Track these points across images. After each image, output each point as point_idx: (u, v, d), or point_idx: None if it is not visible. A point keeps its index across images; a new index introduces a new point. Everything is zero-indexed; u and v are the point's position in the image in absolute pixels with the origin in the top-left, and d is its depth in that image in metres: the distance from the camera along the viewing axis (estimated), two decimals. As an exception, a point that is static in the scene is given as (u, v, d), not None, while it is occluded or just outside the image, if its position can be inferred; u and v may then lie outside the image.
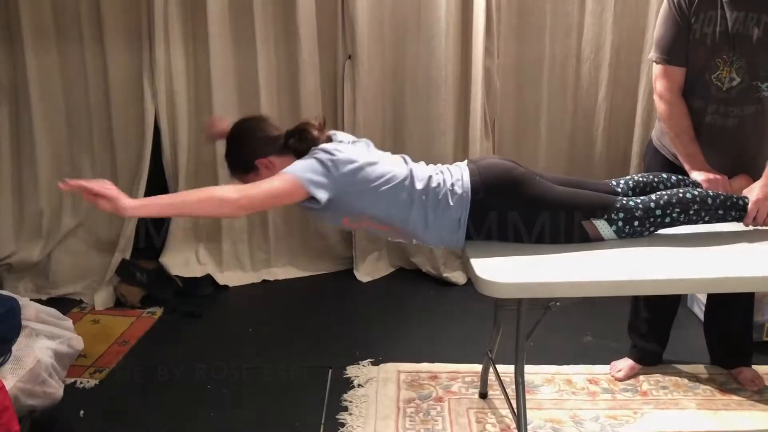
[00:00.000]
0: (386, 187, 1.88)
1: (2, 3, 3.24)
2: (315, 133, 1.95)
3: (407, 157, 2.04)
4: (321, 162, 1.83)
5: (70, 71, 3.35)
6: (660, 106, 2.23)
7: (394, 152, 3.43)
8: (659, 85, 2.22)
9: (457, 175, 1.94)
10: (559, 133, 3.51)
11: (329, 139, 1.99)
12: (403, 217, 1.90)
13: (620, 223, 1.91)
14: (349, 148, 1.92)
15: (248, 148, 1.95)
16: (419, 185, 1.90)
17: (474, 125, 3.34)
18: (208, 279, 3.44)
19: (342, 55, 3.36)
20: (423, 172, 1.94)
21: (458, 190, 1.90)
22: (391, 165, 1.94)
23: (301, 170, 1.81)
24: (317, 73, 3.39)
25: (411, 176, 1.91)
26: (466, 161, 2.03)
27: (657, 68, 2.23)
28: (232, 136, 2.01)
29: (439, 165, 2.04)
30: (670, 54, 2.18)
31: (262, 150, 1.94)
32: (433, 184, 1.91)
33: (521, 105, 3.49)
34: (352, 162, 1.86)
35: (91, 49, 3.31)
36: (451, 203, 1.89)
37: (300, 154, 1.92)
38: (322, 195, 1.81)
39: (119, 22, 3.27)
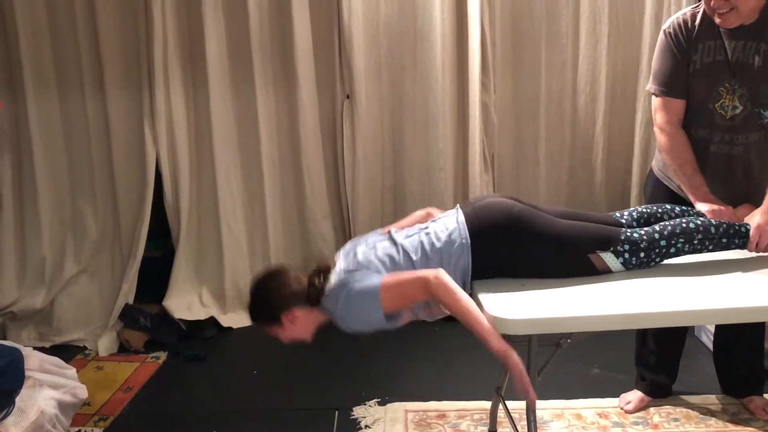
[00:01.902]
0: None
1: (4, 51, 3.29)
2: (318, 281, 1.95)
3: (393, 230, 2.02)
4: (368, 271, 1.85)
5: (72, 118, 3.39)
6: (661, 138, 2.24)
7: (394, 189, 3.51)
8: (659, 118, 2.23)
9: (450, 225, 1.92)
10: (558, 165, 3.53)
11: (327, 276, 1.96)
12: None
13: (627, 255, 1.90)
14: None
15: (273, 306, 1.94)
16: (414, 257, 1.89)
17: (473, 160, 3.36)
18: (212, 321, 3.43)
19: (340, 94, 3.39)
20: (413, 242, 1.93)
21: (456, 239, 1.89)
22: (382, 257, 1.92)
23: (375, 278, 1.82)
24: (316, 113, 3.42)
25: (401, 253, 1.90)
26: (458, 206, 2.02)
27: (656, 101, 2.24)
28: (256, 292, 2.00)
29: (427, 222, 2.01)
30: (668, 86, 2.19)
31: (286, 305, 1.93)
32: (427, 247, 1.90)
33: (519, 138, 3.52)
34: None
35: (92, 95, 3.35)
36: (452, 255, 1.88)
37: (316, 302, 1.92)
38: None
39: (119, 69, 3.31)
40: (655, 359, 2.55)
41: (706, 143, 2.19)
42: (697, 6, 2.16)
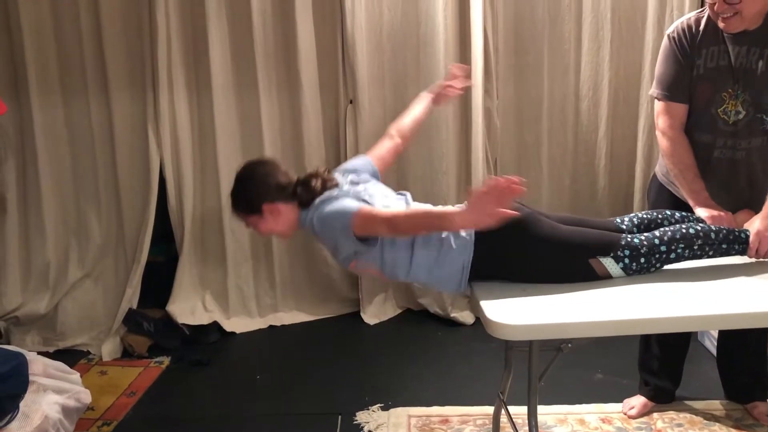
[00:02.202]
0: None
1: (9, 57, 3.31)
2: (319, 183, 1.96)
3: (408, 196, 2.05)
4: (354, 197, 1.87)
5: (76, 122, 3.40)
6: (663, 142, 2.24)
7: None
8: (661, 122, 2.23)
9: None
10: (560, 171, 3.53)
11: (333, 185, 1.99)
12: (405, 262, 1.90)
13: (627, 261, 1.90)
14: (355, 195, 1.93)
15: (258, 192, 1.96)
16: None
17: (476, 164, 3.36)
18: (215, 326, 3.43)
19: (343, 99, 3.40)
20: None
21: (462, 233, 1.90)
22: (395, 207, 1.95)
23: (352, 205, 1.84)
24: (319, 118, 3.43)
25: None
26: (466, 203, 2.03)
27: (659, 105, 2.25)
28: (242, 177, 2.02)
29: (440, 207, 2.03)
30: (671, 90, 2.19)
31: (270, 195, 1.95)
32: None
33: (522, 143, 3.52)
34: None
35: (96, 100, 3.36)
36: (454, 246, 1.89)
37: (305, 203, 1.94)
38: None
39: (123, 73, 3.33)
40: (658, 364, 2.54)
41: (709, 148, 2.19)
42: (702, 11, 2.17)
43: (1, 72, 3.31)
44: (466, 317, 3.46)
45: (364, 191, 1.97)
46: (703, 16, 2.15)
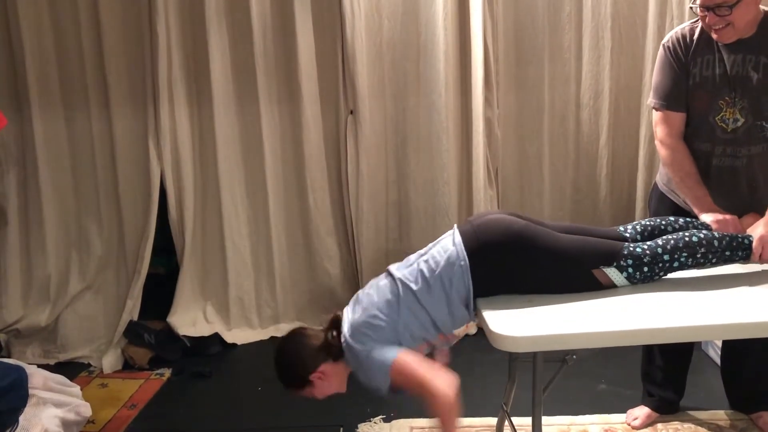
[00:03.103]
0: (397, 316, 1.87)
1: (11, 70, 3.32)
2: (332, 335, 1.96)
3: (392, 267, 2.01)
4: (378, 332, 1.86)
5: (77, 136, 3.40)
6: (662, 151, 2.24)
7: (398, 204, 3.51)
8: (659, 131, 2.24)
9: (448, 247, 1.91)
10: (562, 180, 3.52)
11: (337, 325, 1.98)
12: (427, 322, 1.88)
13: (630, 270, 1.89)
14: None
15: (301, 367, 1.96)
16: (415, 286, 1.88)
17: (477, 175, 3.36)
18: (216, 338, 3.42)
19: (344, 110, 3.40)
20: (412, 272, 1.92)
21: (454, 261, 1.87)
22: (382, 298, 1.92)
23: (390, 352, 1.82)
24: (320, 129, 3.43)
25: (399, 288, 1.90)
26: (455, 226, 2.00)
27: (656, 114, 2.25)
28: (280, 359, 2.02)
29: (428, 247, 2.00)
30: (668, 100, 2.20)
31: (312, 364, 1.95)
32: (427, 274, 1.89)
33: (523, 153, 3.52)
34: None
35: (97, 113, 3.37)
36: (452, 278, 1.87)
37: (339, 355, 1.93)
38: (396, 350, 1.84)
39: (124, 87, 3.33)
40: (662, 375, 2.53)
41: (708, 156, 2.19)
42: (696, 21, 2.17)
43: (2, 85, 3.32)
44: (468, 327, 3.44)
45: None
46: (697, 26, 2.15)
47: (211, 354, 3.35)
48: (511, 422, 2.23)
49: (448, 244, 1.93)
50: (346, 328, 1.91)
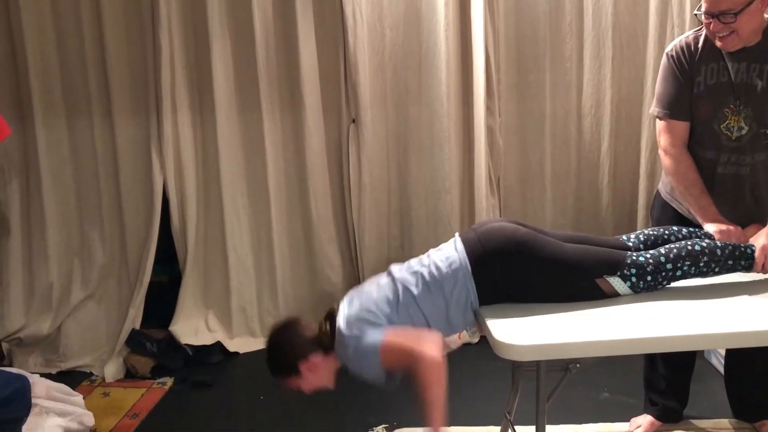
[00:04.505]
0: (395, 316, 1.88)
1: (14, 80, 3.33)
2: (326, 327, 1.96)
3: (393, 267, 2.01)
4: (371, 324, 1.85)
5: (79, 145, 3.41)
6: (665, 160, 2.24)
7: (400, 212, 3.51)
8: (663, 140, 2.23)
9: (451, 254, 1.92)
10: (564, 188, 3.52)
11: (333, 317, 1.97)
12: (423, 327, 1.88)
13: (634, 279, 1.90)
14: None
15: (291, 355, 1.95)
16: (415, 290, 1.89)
17: (479, 183, 3.36)
18: (218, 346, 3.42)
19: (346, 119, 3.41)
20: (413, 274, 1.92)
21: (457, 268, 1.88)
22: (382, 295, 1.92)
23: (377, 334, 1.82)
24: (322, 138, 3.44)
25: (399, 289, 1.90)
26: (456, 234, 2.01)
27: (660, 123, 2.25)
28: (272, 345, 2.01)
29: (428, 253, 2.00)
30: (672, 109, 2.20)
31: (302, 353, 1.94)
32: (428, 279, 1.89)
33: (525, 161, 3.52)
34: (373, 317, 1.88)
35: (100, 122, 3.38)
36: (455, 285, 1.87)
37: (330, 347, 1.93)
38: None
39: (127, 96, 3.35)
40: (665, 384, 2.52)
41: (712, 164, 2.19)
42: (699, 29, 2.17)
43: (5, 94, 3.33)
44: (470, 336, 3.44)
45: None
46: (701, 34, 2.15)
47: (213, 363, 3.35)
48: (514, 431, 2.23)
49: (451, 251, 1.93)
50: (341, 319, 1.90)
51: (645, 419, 2.57)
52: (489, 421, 2.63)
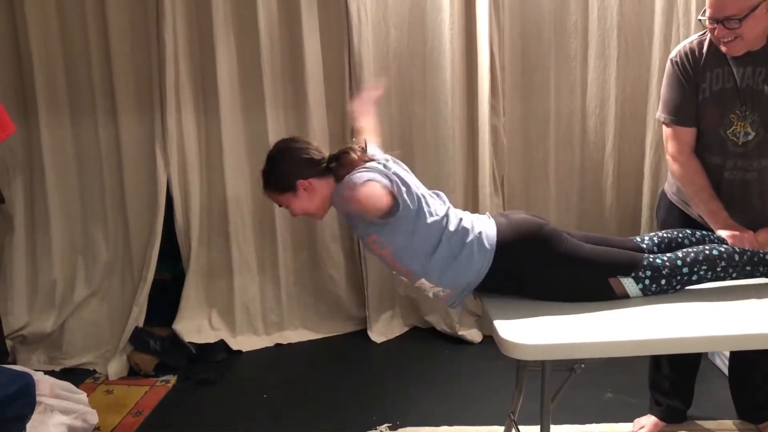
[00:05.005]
0: (428, 220, 1.88)
1: (18, 77, 3.33)
2: (355, 156, 1.94)
3: (440, 194, 2.04)
4: (382, 173, 1.84)
5: (84, 142, 3.41)
6: (674, 167, 2.22)
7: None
8: (670, 147, 2.22)
9: (485, 226, 1.94)
10: (568, 188, 3.52)
11: (370, 160, 1.96)
12: (424, 255, 1.89)
13: (647, 281, 1.89)
14: (397, 169, 1.93)
15: (291, 168, 1.93)
16: (451, 227, 1.91)
17: (483, 182, 3.36)
18: (222, 345, 3.42)
19: (350, 117, 3.40)
20: (455, 214, 1.95)
21: (485, 240, 1.90)
22: (433, 199, 1.96)
23: (379, 178, 1.81)
24: (326, 137, 3.44)
25: (447, 215, 1.92)
26: (487, 214, 2.03)
27: (667, 130, 2.23)
28: (274, 154, 2.00)
29: (468, 213, 2.02)
30: (678, 115, 2.18)
31: (304, 171, 1.93)
32: (462, 229, 1.90)
33: (529, 161, 3.52)
34: (405, 184, 1.88)
35: (104, 120, 3.37)
36: (475, 253, 1.88)
37: (340, 178, 1.91)
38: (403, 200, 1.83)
39: (131, 93, 3.34)
40: (669, 384, 2.52)
41: (719, 170, 2.17)
42: (704, 33, 2.15)
43: (9, 92, 3.32)
44: (473, 335, 3.44)
45: (401, 176, 1.93)
46: (705, 39, 2.13)
47: (216, 361, 3.35)
48: (518, 431, 2.22)
49: (486, 225, 1.94)
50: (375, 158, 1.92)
51: (649, 419, 2.57)
52: (492, 420, 2.62)
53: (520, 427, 2.22)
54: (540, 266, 1.90)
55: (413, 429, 2.66)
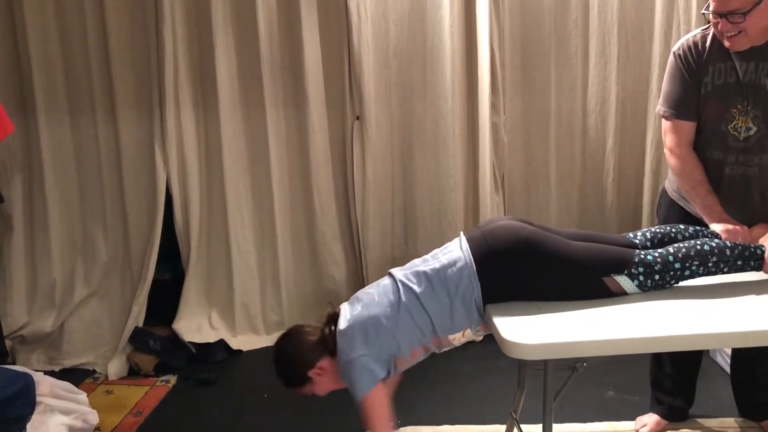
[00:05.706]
0: (396, 316, 1.88)
1: (17, 76, 3.32)
2: (329, 330, 1.96)
3: (394, 270, 2.00)
4: (364, 360, 1.88)
5: (82, 142, 3.40)
6: (671, 160, 2.22)
7: (404, 210, 3.51)
8: (669, 140, 2.22)
9: (455, 253, 1.92)
10: (568, 186, 3.51)
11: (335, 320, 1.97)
12: (426, 325, 1.90)
13: (641, 278, 1.88)
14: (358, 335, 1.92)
15: (298, 365, 1.98)
16: (418, 288, 1.89)
17: (483, 180, 3.35)
18: (222, 344, 3.41)
19: (350, 116, 3.40)
20: (415, 274, 1.92)
21: (461, 267, 1.88)
22: (384, 297, 1.92)
23: (367, 382, 1.88)
24: (326, 135, 3.43)
25: (400, 289, 1.90)
26: (461, 233, 2.01)
27: (666, 123, 2.23)
28: (279, 358, 2.04)
29: (433, 252, 2.01)
30: (678, 109, 2.18)
31: (309, 360, 1.97)
32: (432, 277, 1.89)
33: (530, 159, 3.51)
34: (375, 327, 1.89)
35: (103, 119, 3.37)
36: (459, 284, 1.87)
37: (334, 351, 1.94)
38: (382, 370, 1.90)
39: (130, 92, 3.33)
40: (671, 382, 2.51)
41: (720, 165, 2.17)
42: (707, 28, 2.14)
43: (8, 91, 3.32)
44: (475, 335, 3.43)
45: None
46: (708, 33, 2.13)
47: (216, 360, 3.34)
48: (520, 430, 2.22)
49: (456, 250, 1.93)
50: (342, 322, 1.92)
51: (651, 418, 2.56)
52: (494, 419, 2.62)
53: (522, 426, 2.21)
54: (528, 271, 1.88)
55: (414, 428, 2.65)
